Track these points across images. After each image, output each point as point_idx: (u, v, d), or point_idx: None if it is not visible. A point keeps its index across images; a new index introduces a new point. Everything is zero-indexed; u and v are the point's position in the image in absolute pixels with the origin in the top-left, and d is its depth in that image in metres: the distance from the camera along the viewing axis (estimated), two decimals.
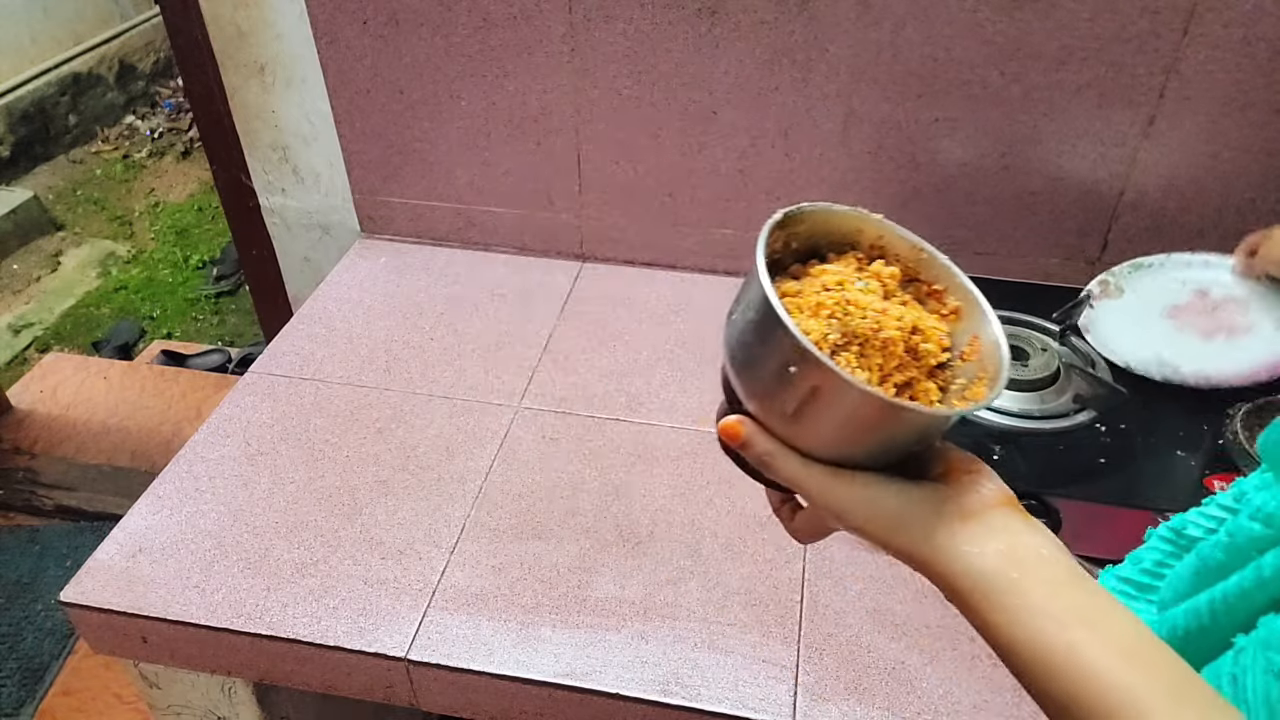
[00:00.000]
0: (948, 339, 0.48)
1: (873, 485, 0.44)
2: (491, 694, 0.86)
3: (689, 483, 1.02)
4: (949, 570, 0.42)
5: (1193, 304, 1.07)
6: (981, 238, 1.25)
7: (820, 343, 0.44)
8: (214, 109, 1.42)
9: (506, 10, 1.19)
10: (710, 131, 1.24)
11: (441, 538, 0.97)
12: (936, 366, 0.47)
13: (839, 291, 0.47)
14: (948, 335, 0.48)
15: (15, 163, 3.56)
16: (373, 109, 1.32)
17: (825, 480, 0.45)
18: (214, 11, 1.32)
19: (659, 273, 1.37)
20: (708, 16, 1.15)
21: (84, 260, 3.21)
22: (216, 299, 3.01)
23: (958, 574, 0.42)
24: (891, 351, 0.45)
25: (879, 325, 0.45)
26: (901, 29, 1.11)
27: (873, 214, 0.51)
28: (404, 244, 1.44)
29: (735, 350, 0.47)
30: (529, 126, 1.29)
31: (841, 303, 0.46)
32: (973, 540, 0.42)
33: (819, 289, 0.47)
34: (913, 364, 0.46)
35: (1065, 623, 0.39)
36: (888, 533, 0.44)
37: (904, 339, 0.46)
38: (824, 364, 0.42)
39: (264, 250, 1.57)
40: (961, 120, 1.16)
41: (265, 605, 0.90)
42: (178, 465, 1.05)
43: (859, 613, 0.88)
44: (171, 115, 3.96)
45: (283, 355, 1.22)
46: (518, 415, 1.12)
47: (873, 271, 0.50)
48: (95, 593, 0.91)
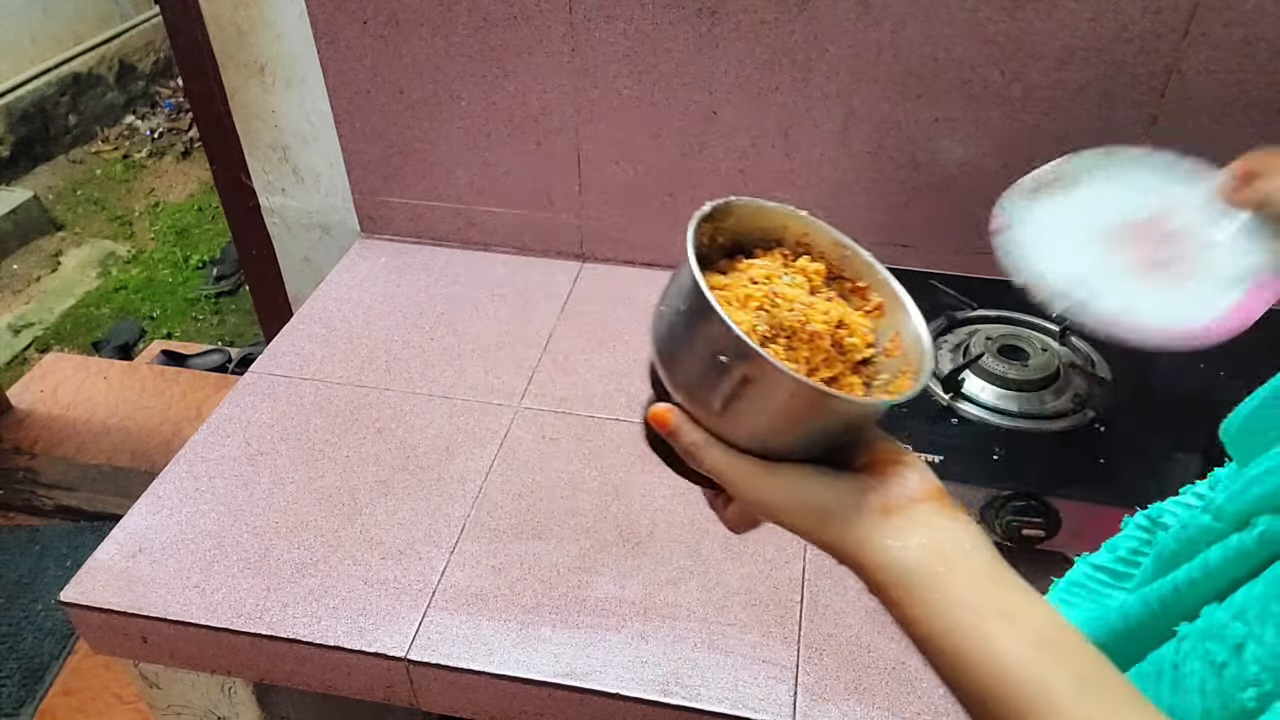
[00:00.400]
0: (872, 334, 0.49)
1: (798, 476, 0.44)
2: (491, 694, 0.86)
3: (689, 483, 1.02)
4: (871, 563, 0.42)
5: (1148, 226, 0.80)
6: (983, 237, 1.25)
7: (749, 334, 0.43)
8: (214, 109, 1.42)
9: (506, 10, 1.19)
10: (710, 131, 1.24)
11: (441, 538, 0.97)
12: (861, 362, 0.48)
13: (767, 285, 0.47)
14: (871, 331, 0.49)
15: (15, 163, 3.56)
16: (373, 109, 1.32)
17: (750, 471, 0.44)
18: (214, 11, 1.32)
19: (659, 273, 1.37)
20: (708, 16, 1.15)
21: (84, 260, 3.21)
22: (216, 299, 3.01)
23: (880, 567, 0.42)
24: (818, 345, 0.46)
25: (806, 318, 0.46)
26: (902, 29, 1.11)
27: (799, 210, 0.51)
28: (404, 244, 1.44)
29: (665, 341, 0.47)
30: (529, 126, 1.29)
31: (770, 295, 0.46)
32: (896, 534, 0.42)
33: (747, 282, 0.48)
34: (838, 358, 0.47)
35: (983, 615, 0.39)
36: (811, 524, 0.44)
37: (830, 333, 0.46)
38: (756, 352, 0.42)
39: (264, 250, 1.57)
40: (962, 120, 1.16)
41: (265, 605, 0.90)
42: (178, 465, 1.05)
43: (859, 613, 0.88)
44: (171, 115, 3.97)
45: (283, 355, 1.22)
46: (518, 415, 1.12)
47: (798, 267, 0.50)
48: (95, 593, 0.91)
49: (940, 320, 1.13)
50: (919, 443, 0.95)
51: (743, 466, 0.45)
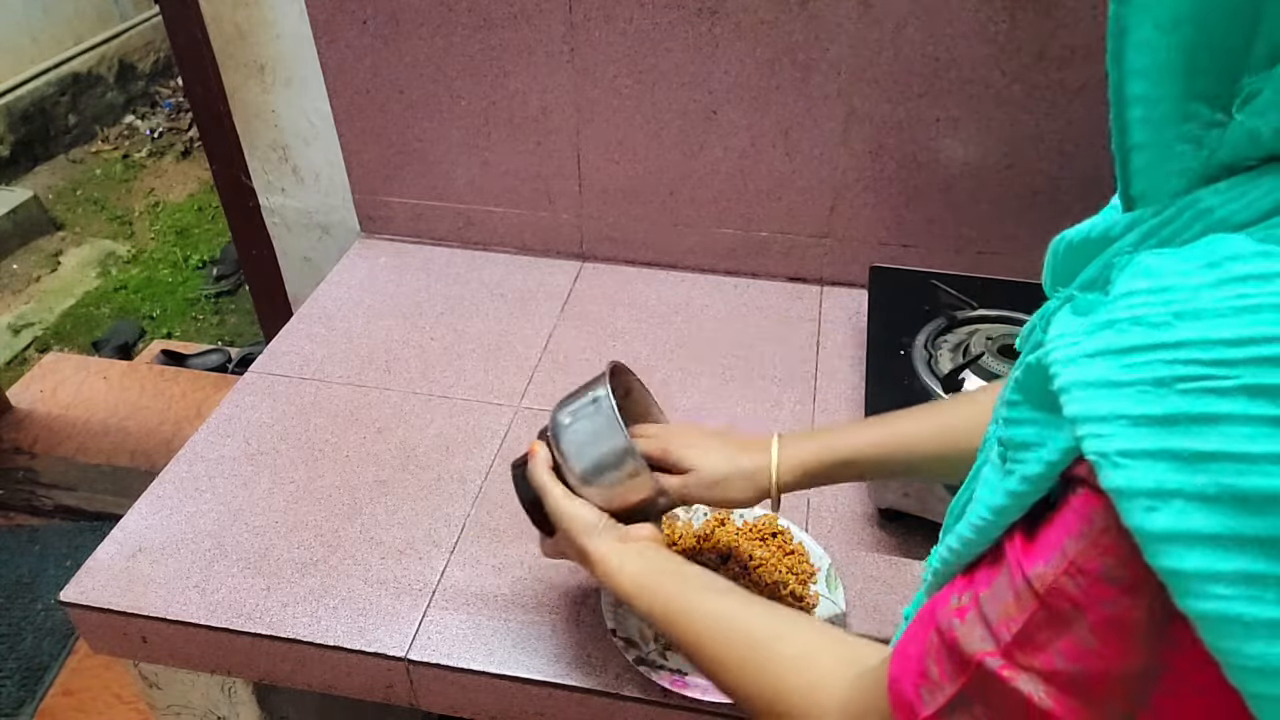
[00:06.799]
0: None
1: (585, 506, 0.71)
2: (491, 694, 0.86)
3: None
4: (605, 562, 0.68)
5: None
6: (984, 237, 1.25)
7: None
8: (214, 109, 1.42)
9: (506, 10, 1.19)
10: (710, 131, 1.24)
11: (441, 537, 0.97)
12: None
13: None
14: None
15: (15, 162, 3.56)
16: (373, 109, 1.32)
17: (562, 493, 0.71)
18: (214, 11, 1.32)
19: (659, 273, 1.37)
20: (708, 16, 1.15)
21: (84, 260, 3.21)
22: (216, 299, 3.01)
23: (605, 561, 0.69)
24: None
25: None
26: (902, 28, 1.11)
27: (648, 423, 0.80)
28: (404, 244, 1.44)
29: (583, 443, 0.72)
30: (529, 126, 1.29)
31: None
32: (623, 551, 0.69)
33: None
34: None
35: (639, 587, 0.67)
36: (578, 531, 0.69)
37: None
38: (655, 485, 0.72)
39: (264, 250, 1.57)
40: (963, 120, 1.16)
41: (265, 605, 0.90)
42: (178, 465, 1.05)
43: (859, 612, 0.88)
44: (171, 115, 3.96)
45: (283, 355, 1.22)
46: (518, 415, 1.12)
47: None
48: (95, 593, 0.91)
49: (940, 320, 1.13)
50: None
51: (557, 489, 0.71)
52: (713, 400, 1.14)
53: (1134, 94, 0.36)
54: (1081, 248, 0.42)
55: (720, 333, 1.25)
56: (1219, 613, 0.29)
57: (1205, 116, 0.34)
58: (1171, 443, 0.30)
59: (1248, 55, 0.32)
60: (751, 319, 1.28)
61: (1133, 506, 0.30)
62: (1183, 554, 0.29)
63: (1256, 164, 0.34)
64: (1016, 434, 0.38)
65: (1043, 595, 0.35)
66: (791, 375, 1.17)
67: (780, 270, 1.35)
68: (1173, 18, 0.34)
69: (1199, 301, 0.31)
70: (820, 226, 1.29)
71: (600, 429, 0.71)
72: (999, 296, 1.15)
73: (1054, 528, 0.36)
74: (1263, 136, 0.33)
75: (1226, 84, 0.33)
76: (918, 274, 1.23)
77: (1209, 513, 0.29)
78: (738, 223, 1.31)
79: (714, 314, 1.29)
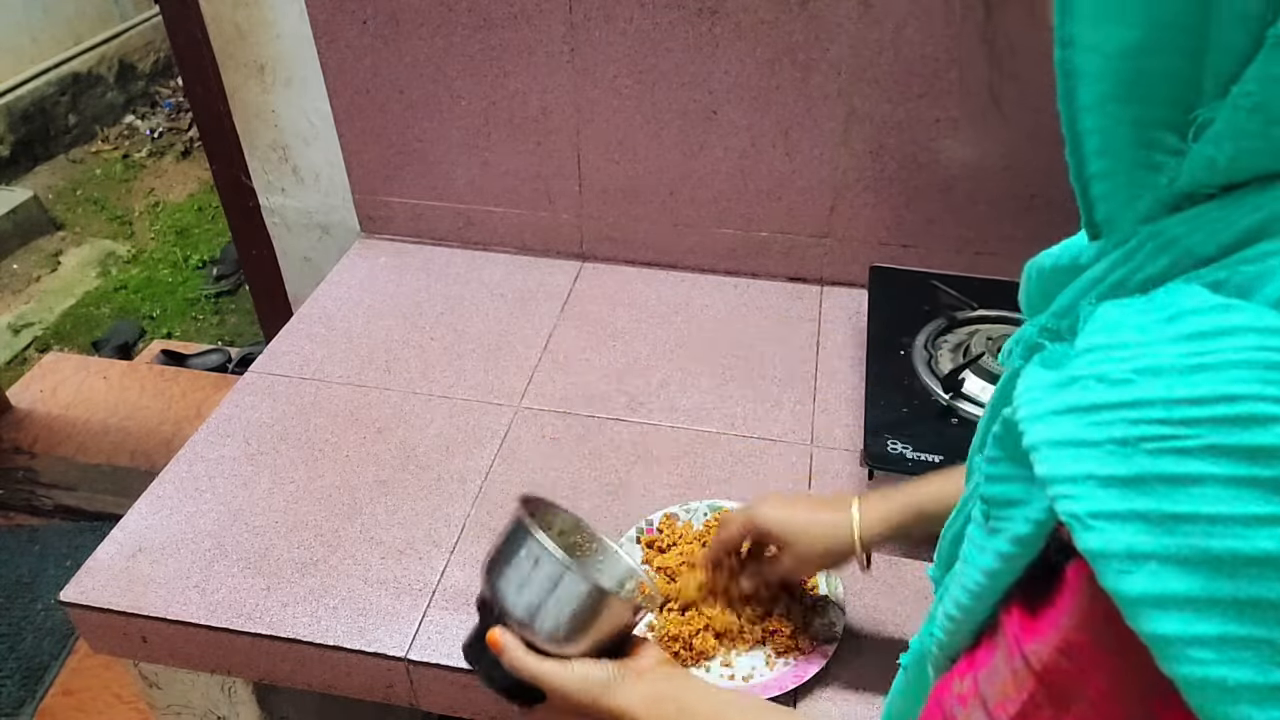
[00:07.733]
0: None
1: (584, 666, 0.64)
2: (491, 694, 0.86)
3: (689, 482, 1.02)
4: (632, 709, 0.63)
5: None
6: (983, 238, 1.25)
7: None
8: (214, 109, 1.42)
9: (506, 10, 1.19)
10: (710, 131, 1.24)
11: (441, 537, 0.97)
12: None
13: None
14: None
15: (15, 162, 3.56)
16: (373, 109, 1.32)
17: (555, 669, 0.63)
18: (214, 11, 1.32)
19: (659, 273, 1.37)
20: (708, 16, 1.15)
21: (84, 260, 3.21)
22: (216, 299, 3.01)
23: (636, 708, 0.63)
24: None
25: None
26: (902, 29, 1.11)
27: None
28: (404, 244, 1.44)
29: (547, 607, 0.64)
30: (529, 126, 1.29)
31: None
32: (634, 689, 0.64)
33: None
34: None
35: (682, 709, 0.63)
36: (597, 694, 0.63)
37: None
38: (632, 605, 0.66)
39: (264, 250, 1.57)
40: (963, 120, 1.16)
41: (265, 605, 0.90)
42: (178, 465, 1.05)
43: (859, 612, 0.88)
44: (171, 115, 3.96)
45: (283, 355, 1.22)
46: (518, 415, 1.12)
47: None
48: (95, 592, 0.91)
49: (940, 320, 1.13)
50: (919, 443, 0.95)
51: (549, 665, 0.64)
52: (713, 400, 1.14)
53: (1087, 128, 0.36)
54: (1053, 275, 0.42)
55: (720, 333, 1.25)
56: (1200, 677, 0.28)
57: (1170, 144, 0.34)
58: (1141, 504, 0.29)
59: (1200, 85, 0.32)
60: (751, 319, 1.28)
61: (1108, 569, 0.30)
62: (1160, 618, 0.29)
63: (1217, 192, 0.33)
64: (1000, 491, 0.37)
65: (1040, 673, 0.35)
66: (791, 375, 1.17)
67: (780, 270, 1.35)
68: (1120, 50, 0.34)
69: (1159, 358, 0.30)
70: (820, 226, 1.29)
71: (560, 584, 0.63)
72: (999, 297, 1.15)
73: (1054, 605, 0.35)
74: (1219, 165, 0.33)
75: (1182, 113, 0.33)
76: (917, 274, 1.23)
77: (1183, 575, 0.28)
78: (738, 223, 1.31)
79: (714, 314, 1.29)
